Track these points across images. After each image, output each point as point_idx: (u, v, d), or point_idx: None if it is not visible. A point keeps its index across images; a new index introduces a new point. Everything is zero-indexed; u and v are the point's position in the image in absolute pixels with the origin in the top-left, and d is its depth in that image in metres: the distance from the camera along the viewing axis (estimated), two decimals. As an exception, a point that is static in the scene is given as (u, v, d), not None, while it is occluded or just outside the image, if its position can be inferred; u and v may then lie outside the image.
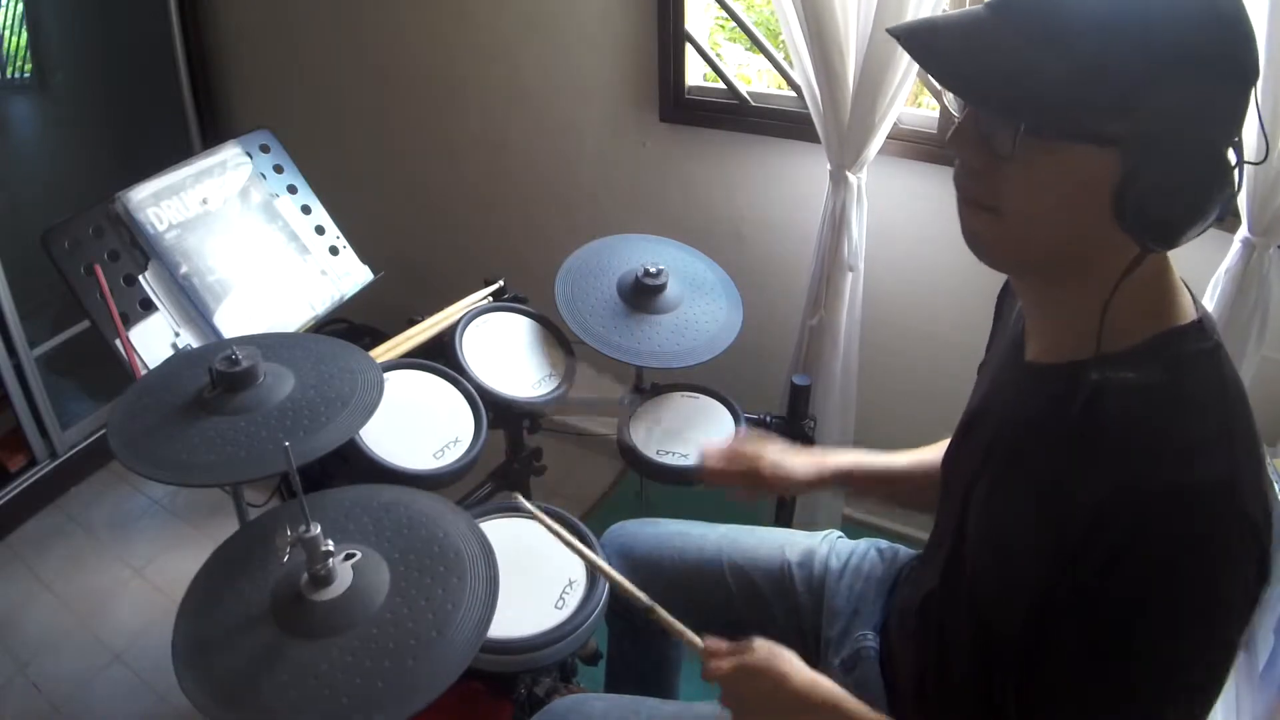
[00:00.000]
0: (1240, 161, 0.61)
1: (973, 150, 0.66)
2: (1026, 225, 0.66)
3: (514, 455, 1.64)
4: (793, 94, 1.75)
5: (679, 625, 0.91)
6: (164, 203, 1.46)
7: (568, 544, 1.01)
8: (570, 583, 1.10)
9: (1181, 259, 0.68)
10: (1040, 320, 0.75)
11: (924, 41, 0.65)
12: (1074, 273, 0.68)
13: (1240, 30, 0.59)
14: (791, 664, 0.83)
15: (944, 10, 1.47)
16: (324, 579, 0.88)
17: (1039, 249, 0.67)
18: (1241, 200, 1.31)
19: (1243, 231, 1.34)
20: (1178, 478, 0.61)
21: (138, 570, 2.02)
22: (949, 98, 0.71)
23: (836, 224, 1.64)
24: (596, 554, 1.03)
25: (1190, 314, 0.68)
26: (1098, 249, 0.65)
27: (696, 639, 0.89)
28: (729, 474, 1.12)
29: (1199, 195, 0.60)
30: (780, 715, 0.83)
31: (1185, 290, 0.69)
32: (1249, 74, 0.60)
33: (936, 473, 0.94)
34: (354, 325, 2.24)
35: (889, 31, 0.67)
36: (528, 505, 1.08)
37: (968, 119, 0.67)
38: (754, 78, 2.04)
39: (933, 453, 1.03)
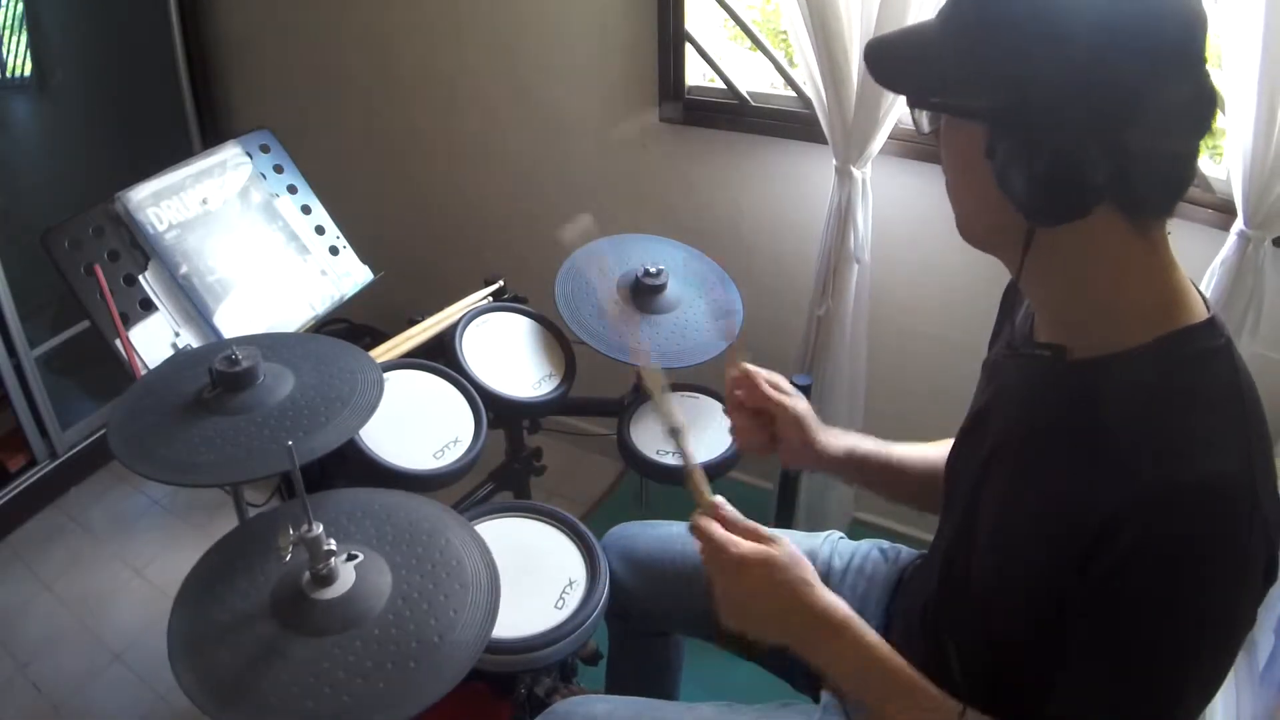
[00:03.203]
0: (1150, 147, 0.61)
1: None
2: (954, 201, 0.73)
3: (514, 455, 1.64)
4: (792, 94, 1.75)
5: (698, 469, 0.80)
6: (164, 203, 1.46)
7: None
8: (570, 583, 1.10)
9: (1174, 251, 0.68)
10: (1043, 316, 0.75)
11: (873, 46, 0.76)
12: (1040, 258, 0.67)
13: (1113, 28, 0.60)
14: (815, 576, 0.77)
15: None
16: (326, 578, 0.89)
17: (969, 222, 0.73)
18: (1236, 193, 1.30)
19: (1238, 225, 1.33)
20: (1195, 475, 0.61)
21: (138, 570, 2.02)
22: None
23: (842, 218, 1.64)
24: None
25: (1202, 312, 0.67)
26: (1035, 233, 0.66)
27: (709, 494, 0.77)
28: (749, 409, 0.99)
29: (1071, 173, 0.61)
30: (782, 628, 0.77)
31: (1194, 289, 0.69)
32: (1138, 71, 0.60)
33: (939, 469, 0.92)
34: (354, 325, 2.24)
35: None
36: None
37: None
38: (746, 73, 2.03)
39: (937, 449, 0.99)
